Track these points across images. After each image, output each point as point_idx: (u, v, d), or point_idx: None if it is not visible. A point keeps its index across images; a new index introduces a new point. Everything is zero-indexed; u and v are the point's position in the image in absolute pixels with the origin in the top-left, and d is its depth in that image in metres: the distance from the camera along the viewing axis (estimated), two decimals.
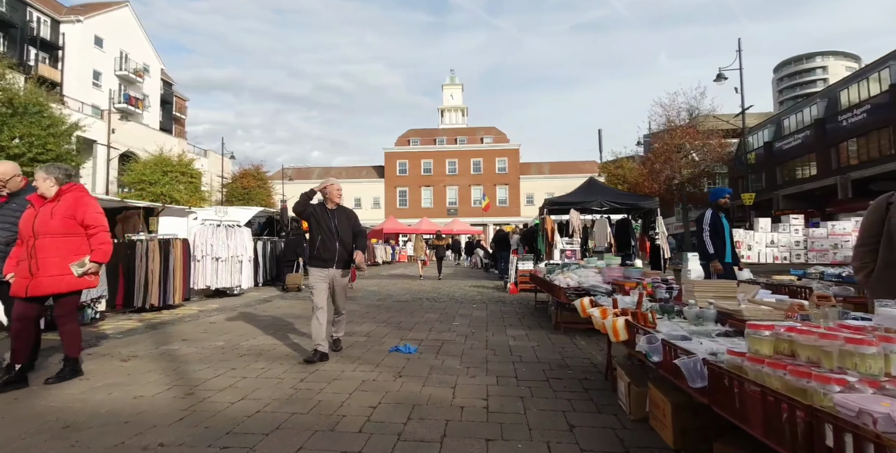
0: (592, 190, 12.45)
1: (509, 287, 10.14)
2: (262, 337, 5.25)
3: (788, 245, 9.51)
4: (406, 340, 5.04)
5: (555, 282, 5.77)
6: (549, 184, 52.04)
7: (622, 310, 3.16)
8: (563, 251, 10.16)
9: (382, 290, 10.57)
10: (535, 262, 10.55)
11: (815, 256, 9.45)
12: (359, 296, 9.34)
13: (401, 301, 8.75)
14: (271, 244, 11.52)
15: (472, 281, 13.73)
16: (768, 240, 9.54)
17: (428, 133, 57.76)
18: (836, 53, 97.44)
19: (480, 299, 9.04)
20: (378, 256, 22.73)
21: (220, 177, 41.24)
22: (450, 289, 11.04)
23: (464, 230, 32.20)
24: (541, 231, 12.23)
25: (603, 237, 11.68)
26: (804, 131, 28.98)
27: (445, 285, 12.26)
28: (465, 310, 7.58)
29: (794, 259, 9.49)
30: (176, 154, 32.80)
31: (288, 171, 57.34)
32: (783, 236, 9.49)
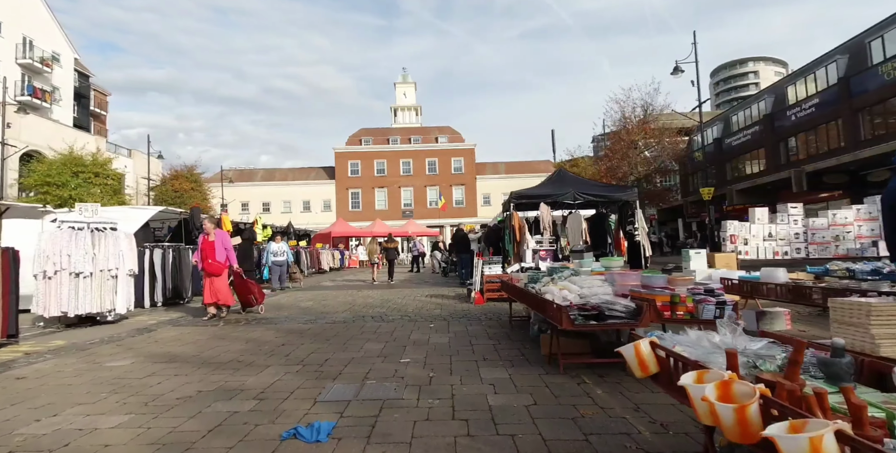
0: (563, 181, 10.93)
1: (474, 296, 8.36)
2: (68, 414, 3.11)
3: (788, 238, 8.31)
4: (321, 405, 3.08)
5: (545, 295, 4.00)
6: (505, 184, 51.10)
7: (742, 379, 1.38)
8: (535, 251, 8.50)
9: (317, 306, 8.48)
10: (503, 265, 8.82)
11: (817, 250, 8.31)
12: (283, 318, 7.22)
13: (336, 321, 6.72)
14: (174, 252, 9.11)
15: (428, 288, 11.85)
16: (766, 233, 8.29)
17: (381, 132, 55.52)
18: (766, 59, 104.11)
19: (440, 314, 7.17)
20: (324, 262, 20.39)
21: (147, 179, 37.10)
22: (402, 301, 9.11)
23: (420, 232, 30.28)
24: (507, 229, 10.55)
25: (577, 234, 10.16)
26: (753, 127, 29.37)
27: (397, 295, 10.31)
28: (421, 333, 5.69)
29: (795, 253, 8.28)
30: (89, 152, 28.82)
31: (228, 173, 53.21)
32: (782, 228, 8.26)
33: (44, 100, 33.69)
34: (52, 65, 34.91)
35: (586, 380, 3.49)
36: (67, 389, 3.60)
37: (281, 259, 11.73)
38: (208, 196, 39.97)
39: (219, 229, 7.25)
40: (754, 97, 30.85)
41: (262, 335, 5.78)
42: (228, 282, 7.13)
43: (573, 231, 10.17)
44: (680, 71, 23.58)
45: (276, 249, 11.71)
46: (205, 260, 6.96)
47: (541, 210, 10.16)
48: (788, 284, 4.73)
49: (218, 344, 5.28)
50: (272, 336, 5.70)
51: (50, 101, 34.41)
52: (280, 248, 11.76)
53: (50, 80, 35.04)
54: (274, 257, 11.65)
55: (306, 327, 6.29)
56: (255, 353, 4.71)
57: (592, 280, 4.08)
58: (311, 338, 5.52)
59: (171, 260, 9.03)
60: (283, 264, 11.86)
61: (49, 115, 33.77)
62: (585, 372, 3.68)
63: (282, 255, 11.74)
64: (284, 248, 11.94)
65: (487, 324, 6.27)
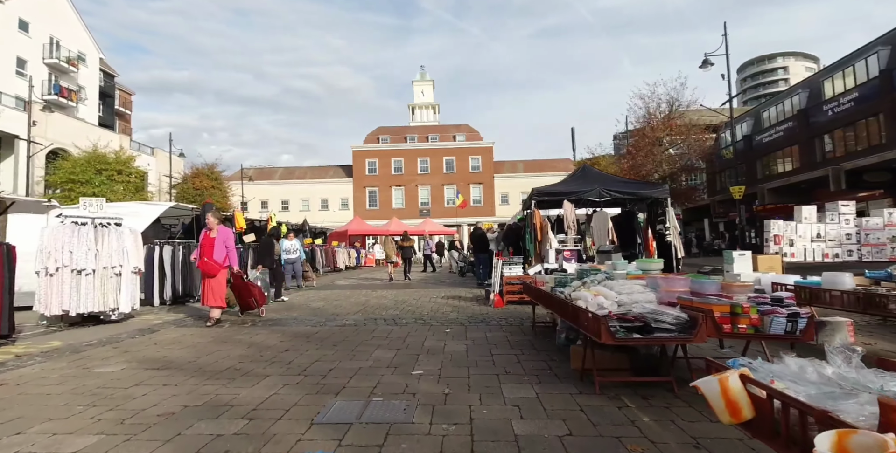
0: (588, 178, 10.33)
1: (493, 298, 7.86)
2: (33, 433, 2.75)
3: (839, 238, 7.58)
4: (317, 429, 2.64)
5: (577, 301, 3.49)
6: (524, 183, 50.45)
7: None
8: (559, 252, 7.96)
9: (328, 307, 8.11)
10: (524, 266, 8.31)
11: (871, 252, 7.55)
12: (291, 319, 6.85)
13: (346, 324, 6.32)
14: (184, 249, 8.86)
15: (445, 289, 11.39)
16: (814, 233, 7.58)
17: (398, 131, 55.33)
18: (797, 54, 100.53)
19: (457, 318, 6.71)
20: (340, 261, 20.14)
21: (168, 177, 37.61)
22: (417, 302, 8.67)
23: (436, 231, 29.87)
24: (528, 227, 10.02)
25: (603, 234, 9.55)
26: (786, 123, 28.06)
27: (412, 296, 9.88)
28: (436, 339, 5.23)
29: (846, 256, 7.55)
30: (112, 150, 29.26)
31: (248, 172, 53.76)
32: (832, 228, 7.54)
33: (70, 99, 34.37)
34: (79, 64, 35.62)
35: (628, 404, 2.97)
36: (44, 400, 3.25)
37: (293, 257, 11.30)
38: (228, 194, 40.32)
39: (223, 226, 6.89)
40: (787, 92, 29.49)
41: (265, 339, 5.41)
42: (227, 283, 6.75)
43: (598, 230, 9.58)
44: (709, 64, 22.57)
45: (289, 247, 11.30)
46: (200, 257, 6.52)
47: (564, 208, 9.59)
48: (857, 291, 4.11)
49: (218, 348, 4.92)
50: (276, 340, 5.32)
51: (76, 101, 35.11)
52: (292, 246, 11.33)
53: (76, 79, 35.77)
54: (286, 255, 11.19)
55: (314, 330, 5.90)
56: (255, 360, 4.32)
57: (632, 285, 3.55)
58: (318, 343, 5.12)
59: (181, 257, 8.78)
60: (296, 262, 11.45)
61: (75, 114, 34.46)
62: (626, 393, 3.17)
63: (294, 253, 11.30)
64: (297, 246, 11.52)
65: (508, 330, 5.78)
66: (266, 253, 9.49)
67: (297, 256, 11.43)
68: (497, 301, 7.78)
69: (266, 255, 9.51)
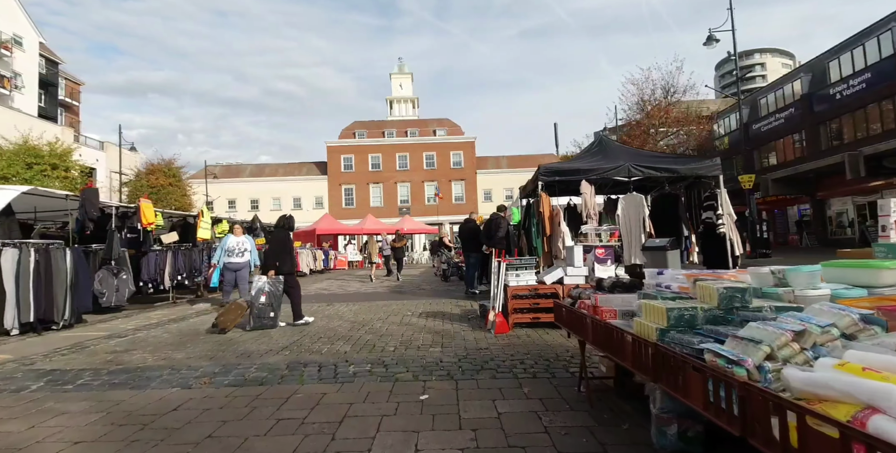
0: (610, 152, 7.90)
1: (493, 320, 5.30)
2: None
3: None
4: None
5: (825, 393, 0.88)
6: (507, 179, 48.30)
7: None
8: (587, 249, 5.45)
9: (243, 338, 5.45)
10: (538, 270, 5.76)
11: None
12: (162, 369, 4.15)
13: (247, 380, 3.66)
14: (41, 255, 6.03)
15: (424, 300, 8.78)
16: None
17: (376, 125, 52.45)
18: (773, 50, 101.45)
19: (440, 359, 4.12)
20: (303, 264, 17.33)
21: (119, 174, 34.00)
22: (383, 324, 6.06)
23: (416, 229, 27.29)
24: (534, 218, 7.53)
25: (636, 225, 7.11)
26: (787, 110, 26.39)
27: (380, 312, 7.27)
28: (402, 419, 2.66)
29: None
30: (46, 142, 25.70)
31: (214, 169, 50.19)
32: None
33: (2, 86, 30.56)
34: (13, 48, 31.76)
35: None
36: None
37: (239, 260, 8.08)
38: (189, 192, 36.84)
39: None
40: (787, 76, 27.83)
41: (61, 424, 2.73)
42: None
43: (630, 220, 7.13)
44: (715, 40, 20.62)
45: (233, 245, 8.14)
46: None
47: (583, 190, 7.11)
48: None
49: None
50: (75, 432, 2.64)
51: (10, 88, 31.28)
52: (240, 245, 8.19)
53: (10, 64, 31.90)
54: (227, 257, 8.04)
55: (182, 398, 3.23)
56: None
57: None
58: (157, 439, 2.47)
59: (35, 265, 5.96)
60: (243, 268, 8.17)
61: (9, 103, 30.70)
62: None
63: (240, 255, 8.12)
64: (247, 246, 8.27)
65: (533, 389, 3.22)
66: (281, 250, 6.46)
67: (244, 260, 8.19)
68: (500, 324, 5.21)
69: (282, 254, 6.43)
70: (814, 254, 17.74)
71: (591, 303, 2.73)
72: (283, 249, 6.47)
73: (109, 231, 8.15)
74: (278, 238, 6.55)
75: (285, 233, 6.68)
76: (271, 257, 6.34)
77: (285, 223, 6.87)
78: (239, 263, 8.14)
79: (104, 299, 8.09)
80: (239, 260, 8.08)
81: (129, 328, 6.42)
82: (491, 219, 8.29)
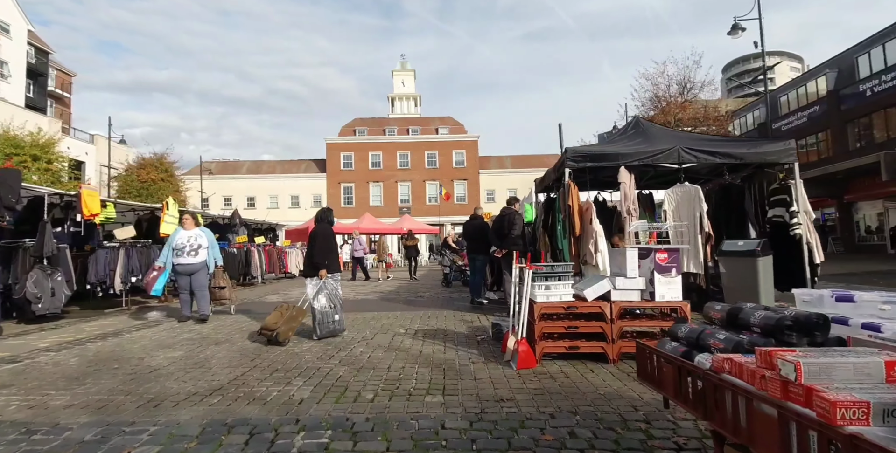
0: (651, 134, 6.46)
1: (514, 348, 3.83)
2: None
3: None
4: None
5: None
6: (511, 179, 46.96)
7: None
8: (645, 254, 3.99)
9: (173, 368, 4.02)
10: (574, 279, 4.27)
11: None
12: (30, 430, 2.72)
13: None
14: None
15: (421, 312, 7.31)
16: None
17: (377, 122, 51.09)
18: (781, 53, 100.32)
19: (439, 426, 2.66)
20: (292, 265, 15.89)
21: (107, 167, 32.65)
22: (363, 353, 4.61)
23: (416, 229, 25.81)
24: (559, 213, 6.10)
25: (690, 223, 5.64)
26: (810, 107, 24.94)
27: (363, 330, 5.83)
28: None
29: None
30: (28, 132, 24.32)
31: (210, 165, 48.85)
32: None
33: None
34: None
35: None
36: None
37: (191, 261, 6.42)
38: (181, 188, 35.45)
39: None
40: (810, 73, 26.35)
41: None
42: None
43: (681, 218, 5.66)
44: (740, 29, 19.15)
45: (184, 242, 6.47)
46: None
47: (622, 179, 5.65)
48: None
49: None
50: None
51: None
52: (191, 241, 6.49)
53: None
54: (177, 257, 6.43)
55: None
56: None
57: None
58: None
59: None
60: (199, 271, 6.51)
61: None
62: None
63: (193, 254, 6.44)
64: (201, 241, 6.56)
65: None
66: (328, 248, 5.57)
67: (198, 260, 6.49)
68: (524, 355, 3.74)
69: (330, 252, 5.56)
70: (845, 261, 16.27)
71: (786, 376, 1.25)
72: (330, 246, 5.61)
73: (41, 223, 6.71)
74: (324, 233, 5.63)
75: (329, 227, 5.78)
76: (320, 255, 5.46)
77: (327, 216, 5.91)
78: (191, 264, 6.46)
79: (39, 305, 6.67)
80: (191, 260, 6.46)
81: (38, 347, 4.98)
82: (502, 215, 6.84)
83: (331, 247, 5.64)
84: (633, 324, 3.92)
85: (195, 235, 6.59)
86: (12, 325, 6.55)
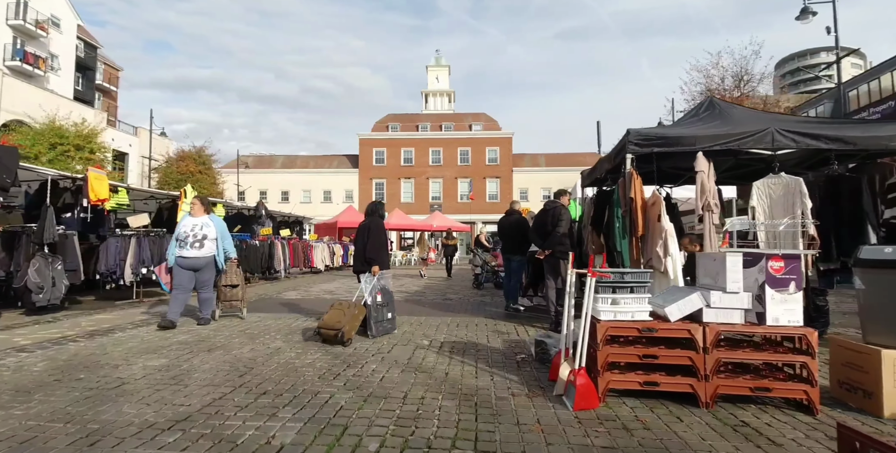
0: (730, 115, 5.36)
1: (570, 379, 2.92)
2: None
3: None
4: None
5: None
6: (545, 179, 45.53)
7: None
8: (752, 261, 2.96)
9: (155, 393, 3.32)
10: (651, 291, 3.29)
11: None
12: None
13: None
14: None
15: (449, 318, 6.45)
16: None
17: (409, 118, 50.64)
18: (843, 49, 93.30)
19: None
20: (317, 260, 15.37)
21: (148, 159, 33.47)
22: (375, 371, 3.79)
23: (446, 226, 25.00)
24: (617, 208, 5.10)
25: (790, 223, 4.51)
26: (886, 102, 22.54)
27: (380, 340, 5.03)
28: None
29: None
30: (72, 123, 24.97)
31: (247, 159, 49.73)
32: None
33: (37, 66, 30.32)
34: (49, 29, 31.53)
35: None
36: None
37: (195, 254, 5.39)
38: (218, 181, 36.01)
39: None
40: (883, 66, 23.85)
41: None
42: None
43: (775, 217, 4.56)
44: (811, 13, 17.42)
45: (188, 231, 5.43)
46: None
47: (699, 167, 4.58)
48: None
49: None
50: None
51: (45, 69, 31.05)
52: (196, 230, 5.45)
53: (46, 45, 31.70)
54: (180, 249, 5.42)
55: None
56: None
57: None
58: None
59: None
60: (205, 267, 5.54)
61: (45, 85, 30.46)
62: None
63: (197, 246, 5.40)
64: (207, 231, 5.48)
65: None
66: (382, 243, 5.37)
67: (203, 254, 5.46)
68: (583, 390, 2.80)
69: (383, 248, 5.36)
70: None
71: None
72: (383, 241, 5.36)
73: (43, 207, 6.24)
74: (377, 227, 5.35)
75: (381, 221, 5.50)
76: (373, 250, 5.23)
77: (378, 209, 5.61)
78: (195, 258, 5.41)
79: (40, 296, 6.22)
80: (195, 252, 5.41)
81: (17, 345, 4.40)
82: (546, 209, 5.86)
83: (383, 242, 5.36)
84: (734, 356, 2.90)
85: (202, 223, 5.56)
86: (14, 316, 6.11)
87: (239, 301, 6.24)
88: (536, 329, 5.47)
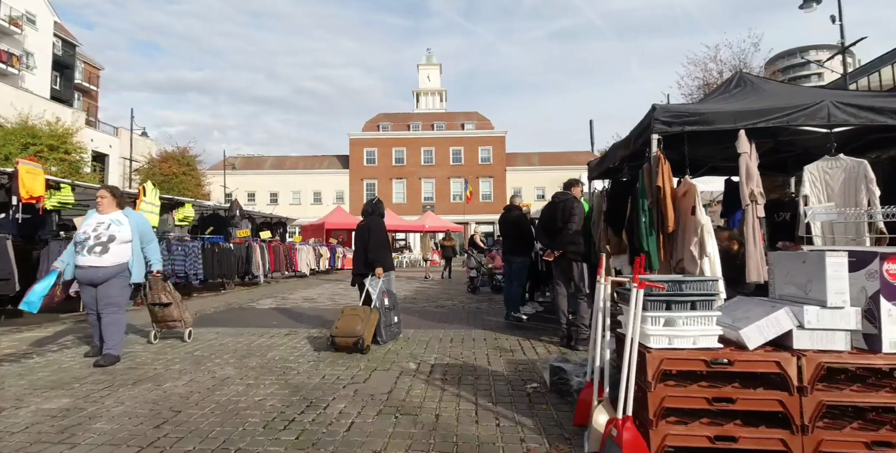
0: (764, 90, 4.55)
1: (612, 433, 2.07)
2: None
3: None
4: None
5: None
6: (539, 177, 44.93)
7: None
8: (861, 262, 2.10)
9: None
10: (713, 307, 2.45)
11: None
12: None
13: None
14: None
15: (442, 331, 5.57)
16: None
17: (401, 118, 49.75)
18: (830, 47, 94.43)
19: None
20: (302, 263, 14.43)
21: (129, 160, 32.30)
22: (344, 414, 2.92)
23: (438, 227, 24.14)
24: (642, 198, 4.25)
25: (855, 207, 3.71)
26: None
27: (358, 363, 4.16)
28: None
29: None
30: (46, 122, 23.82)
31: (234, 160, 48.51)
32: None
33: (10, 64, 29.06)
34: (23, 25, 30.28)
35: None
36: None
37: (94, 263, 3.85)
38: (203, 182, 34.90)
39: None
40: (884, 58, 23.36)
41: None
42: None
43: (842, 199, 3.76)
44: (815, 1, 16.72)
45: (88, 232, 3.93)
46: None
47: (741, 148, 3.77)
48: None
49: None
50: None
51: (18, 67, 29.79)
52: (101, 229, 3.95)
53: (21, 43, 30.44)
54: (78, 254, 3.90)
55: None
56: None
57: None
58: None
59: None
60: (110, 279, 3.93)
61: (20, 84, 29.22)
62: None
63: (98, 251, 3.87)
64: (115, 232, 3.95)
65: None
66: (385, 243, 5.07)
67: (104, 262, 3.89)
68: (631, 448, 1.95)
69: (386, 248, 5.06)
70: None
71: None
72: (384, 241, 5.07)
73: (378, 221, 5.29)
74: (378, 227, 5.05)
75: (381, 220, 5.24)
76: (375, 251, 4.89)
77: (378, 208, 5.32)
78: (94, 268, 3.87)
79: None
80: (92, 260, 3.86)
81: None
82: (555, 202, 5.00)
83: (385, 242, 5.06)
84: (844, 398, 2.05)
85: (109, 221, 4.00)
86: None
87: (177, 321, 4.79)
88: (545, 344, 4.61)
